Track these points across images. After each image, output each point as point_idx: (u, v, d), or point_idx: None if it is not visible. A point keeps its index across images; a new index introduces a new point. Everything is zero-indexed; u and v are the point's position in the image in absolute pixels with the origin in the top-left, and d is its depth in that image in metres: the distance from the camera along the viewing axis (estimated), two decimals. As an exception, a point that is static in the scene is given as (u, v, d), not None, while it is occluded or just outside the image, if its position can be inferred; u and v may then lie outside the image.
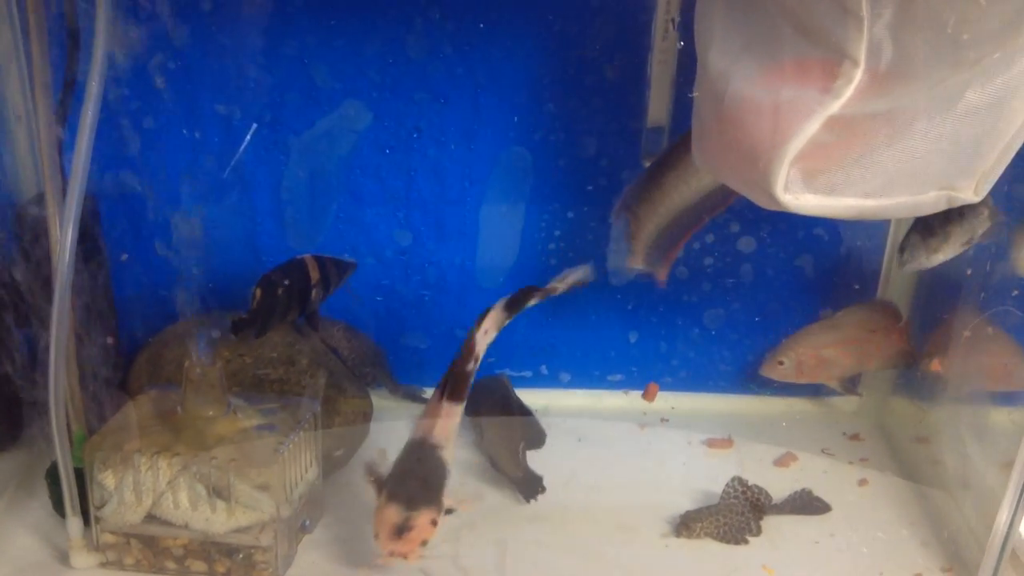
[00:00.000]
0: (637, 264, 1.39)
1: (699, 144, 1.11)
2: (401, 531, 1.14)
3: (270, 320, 1.33)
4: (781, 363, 1.49)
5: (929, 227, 1.28)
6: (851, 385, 1.55)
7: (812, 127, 0.88)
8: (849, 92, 0.87)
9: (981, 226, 1.27)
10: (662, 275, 1.41)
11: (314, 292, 1.37)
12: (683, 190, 1.31)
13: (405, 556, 1.14)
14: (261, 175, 1.47)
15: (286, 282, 1.32)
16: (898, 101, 0.88)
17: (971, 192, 0.94)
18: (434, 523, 1.16)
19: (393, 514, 1.15)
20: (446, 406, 1.23)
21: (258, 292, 1.31)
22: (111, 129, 1.37)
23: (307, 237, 1.51)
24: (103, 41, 1.02)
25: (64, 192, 1.07)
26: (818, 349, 1.49)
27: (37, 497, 1.33)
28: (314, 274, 1.36)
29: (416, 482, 1.18)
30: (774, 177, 0.93)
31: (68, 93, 1.22)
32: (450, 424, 1.23)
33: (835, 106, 0.87)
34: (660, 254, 1.39)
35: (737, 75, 0.96)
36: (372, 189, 1.49)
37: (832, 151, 0.94)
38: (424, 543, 1.15)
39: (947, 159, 0.92)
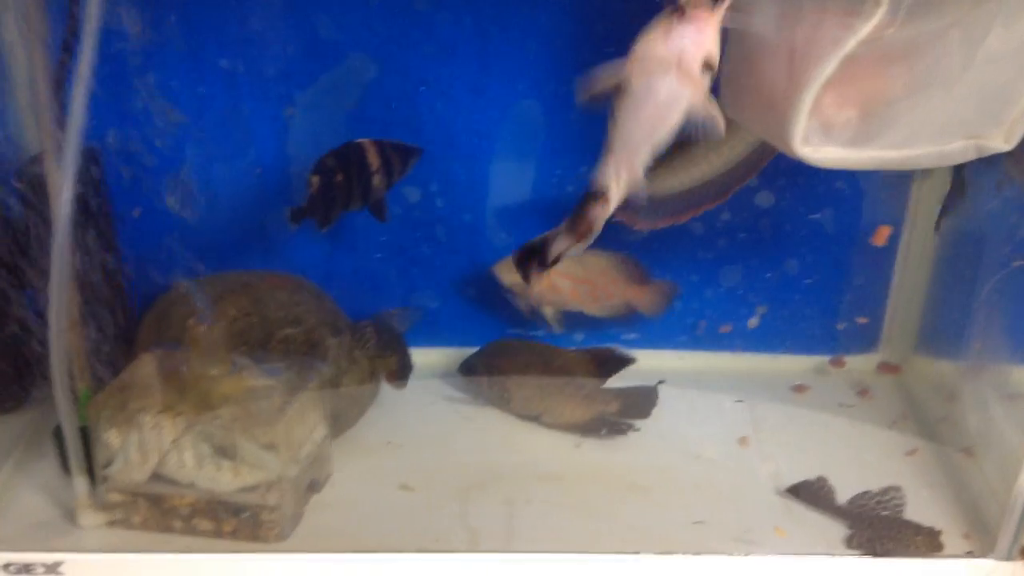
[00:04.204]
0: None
1: (727, 88, 1.06)
2: None
3: (332, 208, 1.25)
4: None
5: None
6: (561, 320, 1.52)
7: (828, 70, 0.84)
8: (868, 28, 0.82)
9: None
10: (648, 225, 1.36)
11: (376, 179, 1.29)
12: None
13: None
14: (264, 130, 1.44)
15: (344, 167, 1.24)
16: (918, 42, 0.84)
17: (1001, 140, 0.91)
18: None
19: None
20: None
21: (315, 179, 1.22)
22: (112, 82, 1.35)
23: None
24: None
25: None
26: (555, 273, 1.46)
27: (45, 456, 1.32)
28: (374, 160, 1.28)
29: None
30: (793, 128, 0.90)
31: (69, 43, 1.19)
32: None
33: (852, 43, 0.83)
34: (669, 209, 1.34)
35: (757, 16, 0.92)
36: (379, 144, 1.46)
37: (851, 101, 0.91)
38: None
39: (973, 107, 0.88)
